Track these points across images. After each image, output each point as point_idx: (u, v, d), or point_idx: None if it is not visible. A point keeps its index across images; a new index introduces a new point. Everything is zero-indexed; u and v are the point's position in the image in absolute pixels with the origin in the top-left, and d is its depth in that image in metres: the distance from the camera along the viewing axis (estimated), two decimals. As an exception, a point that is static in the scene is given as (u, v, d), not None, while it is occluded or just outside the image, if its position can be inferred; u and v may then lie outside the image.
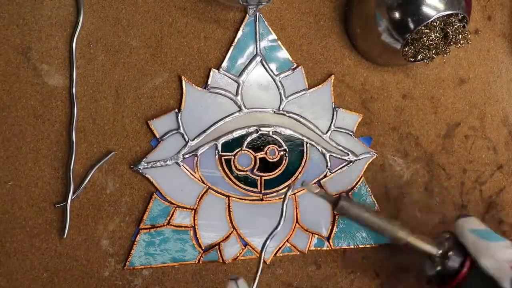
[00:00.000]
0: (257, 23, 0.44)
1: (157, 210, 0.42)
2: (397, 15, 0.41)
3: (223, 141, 0.43)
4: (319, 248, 0.45)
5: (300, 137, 0.44)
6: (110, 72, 0.41)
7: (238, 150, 0.43)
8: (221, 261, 0.43)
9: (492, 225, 0.50)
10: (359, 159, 0.46)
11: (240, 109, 0.43)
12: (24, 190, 0.40)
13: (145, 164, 0.41)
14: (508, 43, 0.51)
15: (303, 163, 0.45)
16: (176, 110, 0.42)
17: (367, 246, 0.46)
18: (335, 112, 0.46)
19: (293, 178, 0.44)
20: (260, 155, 0.44)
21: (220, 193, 0.43)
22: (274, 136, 0.44)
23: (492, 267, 0.34)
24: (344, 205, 0.37)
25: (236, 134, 0.43)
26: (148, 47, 0.42)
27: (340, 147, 0.45)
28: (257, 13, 0.44)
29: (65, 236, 0.40)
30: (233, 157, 0.43)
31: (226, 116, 0.43)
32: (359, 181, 0.46)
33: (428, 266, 0.38)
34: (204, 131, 0.42)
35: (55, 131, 0.40)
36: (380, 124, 0.47)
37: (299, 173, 0.44)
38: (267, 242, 0.36)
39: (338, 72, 0.46)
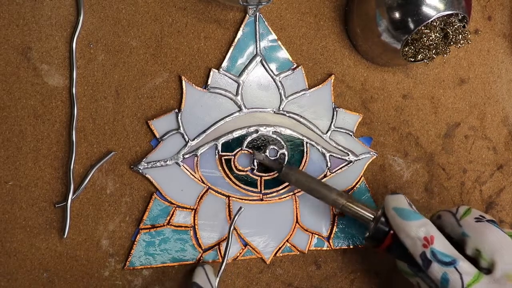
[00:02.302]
0: (257, 23, 0.44)
1: (157, 210, 0.42)
2: (397, 15, 0.41)
3: (223, 141, 0.43)
4: (319, 248, 0.45)
5: (300, 137, 0.44)
6: (110, 72, 0.41)
7: (238, 150, 0.43)
8: (221, 261, 0.43)
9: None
10: (359, 159, 0.46)
11: (240, 109, 0.43)
12: (24, 190, 0.40)
13: (145, 164, 0.41)
14: (508, 43, 0.51)
15: (303, 163, 0.45)
16: (176, 110, 0.42)
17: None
18: (335, 112, 0.46)
19: (293, 178, 0.44)
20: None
21: (220, 193, 0.43)
22: (274, 136, 0.44)
23: (407, 243, 0.37)
24: (287, 172, 0.42)
25: (236, 134, 0.43)
26: (148, 47, 0.42)
27: (340, 147, 0.45)
28: (257, 13, 0.44)
29: (65, 236, 0.40)
30: (233, 157, 0.43)
31: (226, 116, 0.43)
32: (359, 181, 0.46)
33: (366, 231, 0.41)
34: (204, 131, 0.43)
35: (55, 131, 0.40)
36: (380, 124, 0.47)
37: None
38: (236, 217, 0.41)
39: (338, 72, 0.46)
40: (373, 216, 0.40)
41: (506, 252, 0.35)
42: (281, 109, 0.44)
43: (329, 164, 0.45)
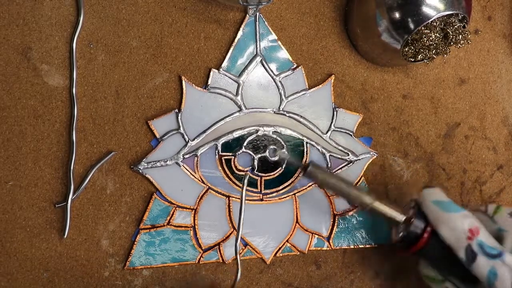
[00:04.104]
0: (257, 23, 0.44)
1: (157, 210, 0.42)
2: (397, 15, 0.41)
3: (223, 141, 0.43)
4: (319, 248, 0.45)
5: (300, 137, 0.44)
6: (110, 72, 0.41)
7: (238, 150, 0.43)
8: (221, 261, 0.43)
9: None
10: (359, 159, 0.46)
11: (240, 109, 0.43)
12: (24, 190, 0.40)
13: (145, 164, 0.41)
14: (508, 43, 0.51)
15: (303, 163, 0.45)
16: (176, 110, 0.42)
17: (367, 246, 0.46)
18: (335, 112, 0.46)
19: (293, 178, 0.44)
20: (260, 155, 0.44)
21: (220, 193, 0.43)
22: (274, 136, 0.44)
23: (449, 236, 0.35)
24: (312, 170, 0.39)
25: (236, 134, 0.43)
26: (148, 47, 0.42)
27: (340, 147, 0.45)
28: (257, 13, 0.44)
29: (65, 236, 0.40)
30: (233, 157, 0.43)
31: (226, 116, 0.43)
32: (359, 181, 0.46)
33: (394, 232, 0.39)
34: (204, 131, 0.43)
35: (55, 131, 0.40)
36: (380, 124, 0.47)
37: (299, 173, 0.44)
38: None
39: (338, 72, 0.46)
40: (404, 217, 0.38)
41: None
42: (281, 109, 0.44)
43: (329, 164, 0.45)
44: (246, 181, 0.39)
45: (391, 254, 0.45)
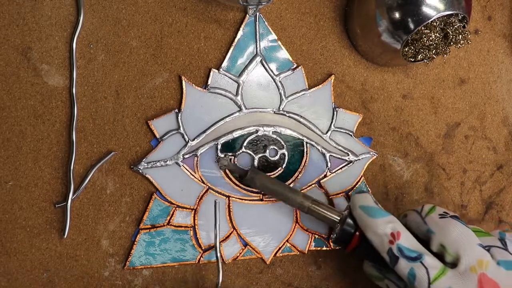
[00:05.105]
0: (257, 23, 0.44)
1: (157, 210, 0.42)
2: (397, 15, 0.41)
3: (223, 141, 0.43)
4: (319, 248, 0.45)
5: (300, 137, 0.44)
6: (110, 72, 0.41)
7: (238, 150, 0.43)
8: (221, 261, 0.43)
9: (492, 225, 0.50)
10: (359, 159, 0.46)
11: (240, 109, 0.43)
12: (24, 190, 0.40)
13: (145, 164, 0.41)
14: (508, 43, 0.51)
15: (303, 163, 0.45)
16: (176, 110, 0.42)
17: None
18: (335, 112, 0.46)
19: (293, 178, 0.44)
20: (260, 155, 0.44)
21: (220, 193, 0.43)
22: (274, 136, 0.44)
23: (374, 240, 0.37)
24: (251, 176, 0.41)
25: (236, 134, 0.43)
26: (148, 47, 0.42)
27: (340, 147, 0.45)
28: (257, 13, 0.44)
29: (65, 236, 0.40)
30: (233, 157, 0.43)
31: (226, 116, 0.43)
32: (359, 181, 0.46)
33: (333, 233, 0.41)
34: (204, 131, 0.43)
35: (55, 131, 0.40)
36: (380, 124, 0.47)
37: (299, 173, 0.44)
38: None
39: (338, 72, 0.46)
40: (339, 218, 0.40)
41: (469, 246, 0.35)
42: (281, 109, 0.44)
43: (329, 164, 0.45)
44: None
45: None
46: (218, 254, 0.41)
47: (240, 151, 0.43)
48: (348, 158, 0.46)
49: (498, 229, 0.41)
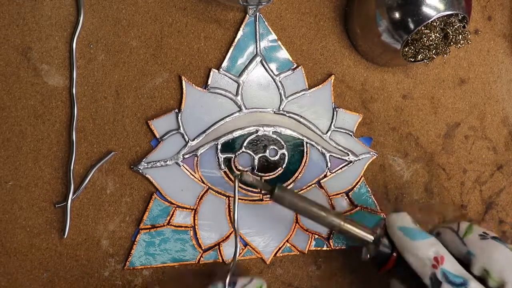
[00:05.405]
0: (257, 23, 0.44)
1: (157, 210, 0.42)
2: (397, 15, 0.41)
3: (223, 141, 0.43)
4: (319, 248, 0.45)
5: (300, 137, 0.44)
6: (110, 72, 0.41)
7: (238, 150, 0.43)
8: (221, 261, 0.43)
9: (492, 225, 0.50)
10: (359, 159, 0.46)
11: (240, 109, 0.43)
12: (24, 190, 0.40)
13: (145, 164, 0.41)
14: (508, 43, 0.51)
15: (303, 163, 0.45)
16: (176, 110, 0.42)
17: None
18: (335, 112, 0.46)
19: (293, 178, 0.44)
20: (260, 155, 0.44)
21: (220, 193, 0.43)
22: (274, 136, 0.44)
23: (414, 263, 0.35)
24: (280, 194, 0.38)
25: (236, 134, 0.43)
26: (148, 47, 0.42)
27: (340, 147, 0.45)
28: (257, 13, 0.44)
29: (65, 236, 0.40)
30: (233, 157, 0.43)
31: (226, 116, 0.43)
32: (359, 181, 0.46)
33: (364, 252, 0.39)
34: (204, 131, 0.43)
35: (55, 131, 0.40)
36: (380, 124, 0.47)
37: (299, 173, 0.45)
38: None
39: (338, 72, 0.46)
40: (373, 238, 0.38)
41: None
42: (281, 109, 0.44)
43: (329, 164, 0.45)
44: (237, 182, 0.38)
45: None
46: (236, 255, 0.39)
47: (240, 151, 0.43)
48: (348, 158, 0.46)
49: None
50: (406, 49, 0.43)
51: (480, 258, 0.35)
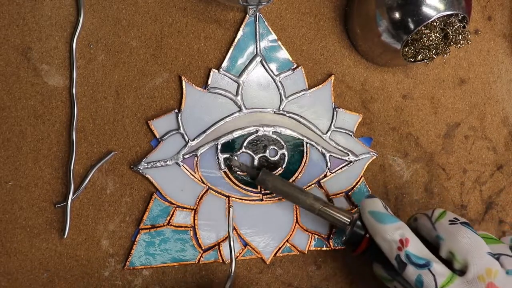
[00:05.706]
0: (257, 23, 0.44)
1: (157, 210, 0.42)
2: (397, 15, 0.41)
3: (223, 141, 0.43)
4: (319, 248, 0.45)
5: (300, 137, 0.44)
6: (110, 72, 0.41)
7: (238, 150, 0.43)
8: (221, 261, 0.43)
9: (492, 225, 0.50)
10: (359, 159, 0.46)
11: (240, 109, 0.43)
12: (24, 190, 0.40)
13: (145, 164, 0.41)
14: (508, 43, 0.51)
15: (303, 163, 0.45)
16: (176, 110, 0.42)
17: (367, 246, 0.46)
18: (335, 112, 0.46)
19: (293, 178, 0.44)
20: (260, 155, 0.44)
21: (220, 193, 0.43)
22: (274, 136, 0.44)
23: (383, 245, 0.38)
24: (263, 177, 0.41)
25: (236, 134, 0.43)
26: (148, 47, 0.42)
27: (340, 147, 0.45)
28: (257, 13, 0.44)
29: (65, 236, 0.40)
30: (236, 157, 0.43)
31: (226, 116, 0.43)
32: (359, 181, 0.46)
33: (342, 234, 0.42)
34: (204, 131, 0.43)
35: (55, 131, 0.40)
36: (380, 124, 0.47)
37: (299, 173, 0.45)
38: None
39: (338, 72, 0.46)
40: (349, 220, 0.41)
41: (478, 254, 0.35)
42: (281, 109, 0.44)
43: (329, 164, 0.45)
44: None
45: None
46: (233, 263, 0.41)
47: (240, 151, 0.43)
48: (348, 158, 0.46)
49: (509, 235, 0.40)
50: (406, 49, 0.43)
51: (448, 241, 0.37)
